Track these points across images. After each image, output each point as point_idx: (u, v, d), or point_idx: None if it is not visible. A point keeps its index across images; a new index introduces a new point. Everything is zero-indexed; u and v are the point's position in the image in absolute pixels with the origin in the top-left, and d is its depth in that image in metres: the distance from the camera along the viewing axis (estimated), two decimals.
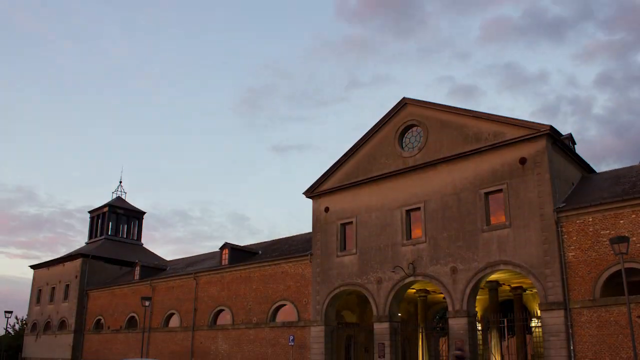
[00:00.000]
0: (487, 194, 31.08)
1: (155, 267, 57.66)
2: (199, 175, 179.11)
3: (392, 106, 36.36)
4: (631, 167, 31.55)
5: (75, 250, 69.85)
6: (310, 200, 40.06)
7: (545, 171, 28.97)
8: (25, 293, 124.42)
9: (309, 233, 42.34)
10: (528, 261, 28.50)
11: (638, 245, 25.39)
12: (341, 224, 37.73)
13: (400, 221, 34.37)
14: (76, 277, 62.30)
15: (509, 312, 34.66)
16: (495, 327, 32.39)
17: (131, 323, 55.07)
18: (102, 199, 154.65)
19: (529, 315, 33.40)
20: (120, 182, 77.20)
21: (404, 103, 35.84)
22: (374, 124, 37.12)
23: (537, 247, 28.37)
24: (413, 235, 33.81)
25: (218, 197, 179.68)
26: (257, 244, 51.50)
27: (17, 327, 75.18)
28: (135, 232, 74.18)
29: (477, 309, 31.38)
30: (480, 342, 30.88)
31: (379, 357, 33.47)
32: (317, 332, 36.89)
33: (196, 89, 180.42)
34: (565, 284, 27.09)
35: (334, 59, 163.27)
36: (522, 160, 29.86)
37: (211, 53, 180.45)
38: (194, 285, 48.16)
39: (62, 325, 62.78)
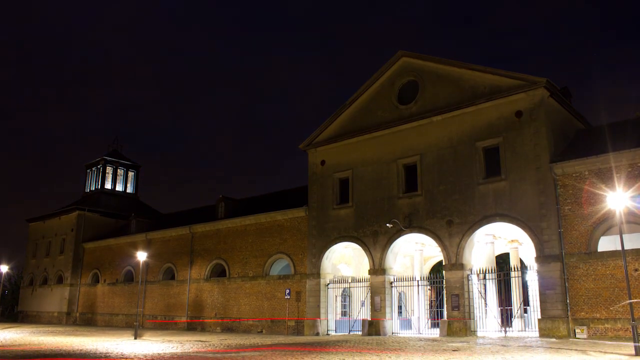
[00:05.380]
0: (483, 147, 30.89)
1: (151, 220, 57.63)
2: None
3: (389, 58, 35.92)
4: (626, 121, 31.26)
5: (71, 204, 69.70)
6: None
7: (541, 124, 28.71)
8: None
9: (305, 186, 42.17)
10: (524, 214, 28.47)
11: (634, 197, 25.25)
12: (337, 177, 37.59)
13: (397, 174, 34.22)
14: (72, 230, 62.35)
15: (505, 266, 34.80)
16: (491, 280, 32.49)
17: (127, 276, 55.38)
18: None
19: (525, 268, 33.48)
20: (117, 135, 76.76)
21: (400, 56, 35.30)
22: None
23: (533, 200, 28.30)
24: (409, 189, 33.74)
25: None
26: (254, 197, 51.36)
27: (13, 280, 75.65)
28: (132, 185, 73.92)
29: (472, 262, 31.47)
30: (476, 295, 31.03)
31: (375, 310, 33.73)
32: (313, 286, 37.10)
33: None
34: (561, 237, 27.11)
35: None
36: (519, 114, 29.55)
37: None
38: (190, 238, 48.22)
39: (59, 278, 63.15)
